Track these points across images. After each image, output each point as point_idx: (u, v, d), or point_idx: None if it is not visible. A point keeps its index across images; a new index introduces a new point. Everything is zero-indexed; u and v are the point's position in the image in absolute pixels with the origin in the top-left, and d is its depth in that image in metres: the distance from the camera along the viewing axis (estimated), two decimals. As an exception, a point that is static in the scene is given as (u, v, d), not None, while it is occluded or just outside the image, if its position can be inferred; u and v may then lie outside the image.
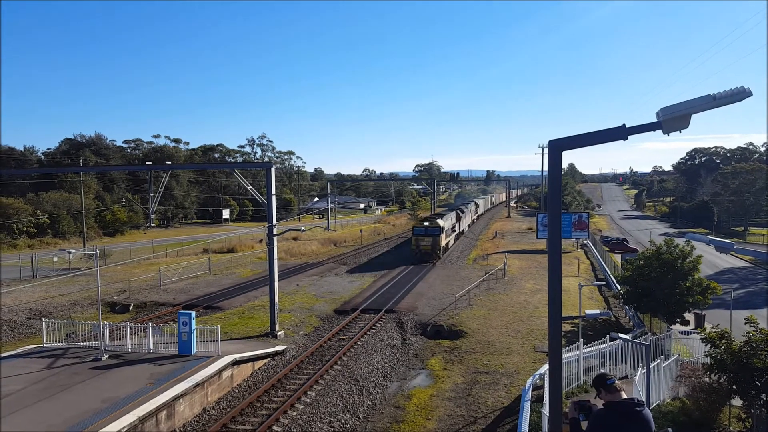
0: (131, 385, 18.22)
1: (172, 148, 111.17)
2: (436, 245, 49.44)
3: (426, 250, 49.17)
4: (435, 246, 49.41)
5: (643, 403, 5.45)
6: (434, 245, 49.35)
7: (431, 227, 49.94)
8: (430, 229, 49.72)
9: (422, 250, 49.21)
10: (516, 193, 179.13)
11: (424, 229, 49.87)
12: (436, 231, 49.64)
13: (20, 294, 35.59)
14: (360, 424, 17.93)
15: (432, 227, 49.97)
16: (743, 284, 46.55)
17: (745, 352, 15.86)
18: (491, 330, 27.53)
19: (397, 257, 53.36)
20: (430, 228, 49.85)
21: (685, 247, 27.19)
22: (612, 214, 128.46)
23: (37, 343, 24.20)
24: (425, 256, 49.19)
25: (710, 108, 4.12)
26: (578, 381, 19.93)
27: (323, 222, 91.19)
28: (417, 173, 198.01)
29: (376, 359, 23.62)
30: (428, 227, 49.96)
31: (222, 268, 47.66)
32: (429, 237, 49.18)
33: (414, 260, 49.09)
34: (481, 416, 18.14)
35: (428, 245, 49.09)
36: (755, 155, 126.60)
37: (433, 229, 49.83)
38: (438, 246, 49.69)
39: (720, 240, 20.81)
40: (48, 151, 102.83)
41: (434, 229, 49.76)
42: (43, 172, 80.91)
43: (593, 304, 32.63)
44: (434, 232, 49.57)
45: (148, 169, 34.99)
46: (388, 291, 36.80)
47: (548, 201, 5.07)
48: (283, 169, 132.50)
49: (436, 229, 49.73)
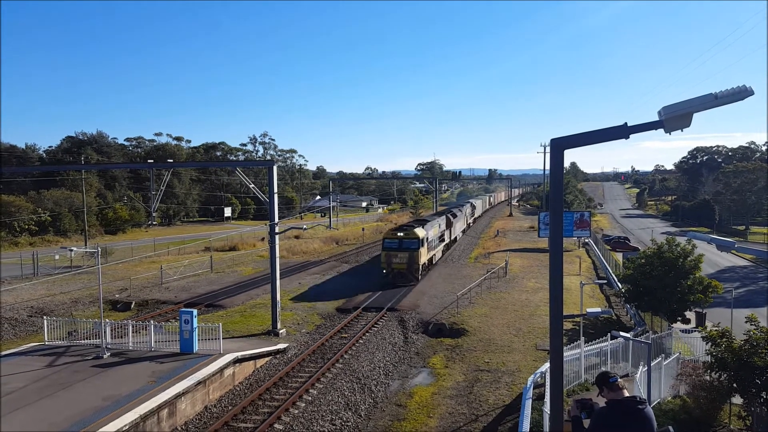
0: (133, 383, 18.26)
1: (174, 146, 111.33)
2: (413, 263, 38.26)
3: (399, 270, 38.17)
4: (412, 264, 38.23)
5: (645, 402, 5.46)
6: (411, 263, 38.18)
7: (407, 238, 38.83)
8: (405, 242, 38.67)
9: (394, 268, 38.30)
10: (518, 192, 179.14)
11: (398, 242, 38.75)
12: (413, 244, 38.55)
13: (21, 292, 35.67)
14: (362, 422, 17.97)
15: (408, 238, 38.82)
16: (744, 283, 46.55)
17: (746, 351, 15.89)
18: (493, 328, 27.56)
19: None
20: (406, 240, 38.77)
21: (687, 245, 27.19)
22: (614, 212, 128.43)
23: (38, 341, 24.25)
24: (398, 278, 38.16)
25: (712, 107, 4.13)
26: (579, 379, 19.96)
27: (325, 220, 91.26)
28: (419, 172, 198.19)
29: (378, 357, 23.66)
30: (403, 238, 38.87)
31: (224, 267, 47.72)
32: (403, 252, 38.32)
33: (384, 282, 38.29)
34: (482, 414, 18.18)
35: (402, 263, 38.13)
36: (757, 154, 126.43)
37: (409, 241, 38.66)
38: (415, 263, 38.45)
39: (721, 239, 20.68)
40: (49, 149, 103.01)
41: (410, 242, 38.65)
42: (44, 170, 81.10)
43: (594, 303, 32.64)
44: (410, 246, 38.53)
45: (150, 167, 35.10)
46: (390, 290, 36.79)
47: (550, 199, 5.08)
48: (285, 168, 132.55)
49: (412, 242, 38.63)
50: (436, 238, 46.30)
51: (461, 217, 65.54)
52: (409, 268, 38.35)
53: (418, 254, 38.74)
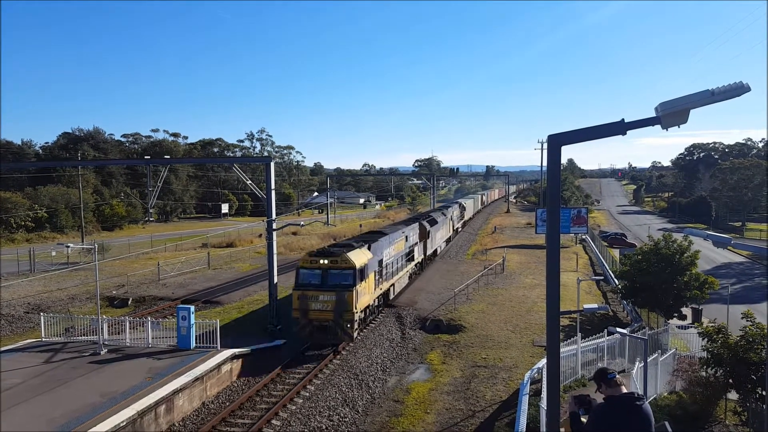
0: (130, 379, 18.26)
1: (171, 142, 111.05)
2: (343, 309, 22.55)
3: (323, 322, 22.74)
4: (341, 311, 22.55)
5: (643, 398, 5.48)
6: (340, 310, 22.54)
7: (335, 268, 23.07)
8: (332, 274, 23.06)
9: (312, 320, 22.78)
10: (516, 188, 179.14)
11: (320, 274, 23.17)
12: (345, 278, 22.96)
13: (18, 288, 35.58)
14: (359, 418, 18.01)
15: (336, 268, 23.07)
16: (740, 279, 46.71)
17: (742, 347, 15.98)
18: (490, 324, 27.61)
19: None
20: (333, 270, 23.07)
21: (683, 242, 27.27)
22: (611, 209, 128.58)
23: (35, 337, 24.23)
24: (320, 335, 23.08)
25: (709, 103, 4.12)
26: (576, 375, 20.03)
27: (323, 217, 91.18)
28: (417, 168, 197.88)
29: (375, 353, 23.68)
30: (329, 268, 23.11)
31: (221, 263, 47.67)
32: (328, 292, 22.73)
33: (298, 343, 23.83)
34: (479, 410, 18.23)
35: (326, 310, 22.64)
36: (753, 151, 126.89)
37: (338, 273, 23.03)
38: (348, 310, 22.57)
39: (717, 235, 20.80)
40: (46, 145, 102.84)
41: (341, 274, 23.03)
42: (41, 166, 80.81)
43: (591, 299, 32.71)
44: (340, 281, 22.93)
45: (147, 163, 34.94)
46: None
47: (547, 196, 5.08)
48: (282, 164, 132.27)
49: (344, 274, 23.01)
50: (399, 257, 31.57)
51: (443, 223, 49.96)
52: (338, 320, 22.36)
53: (353, 295, 22.37)
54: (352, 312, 22.74)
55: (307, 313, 22.88)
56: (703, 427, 16.49)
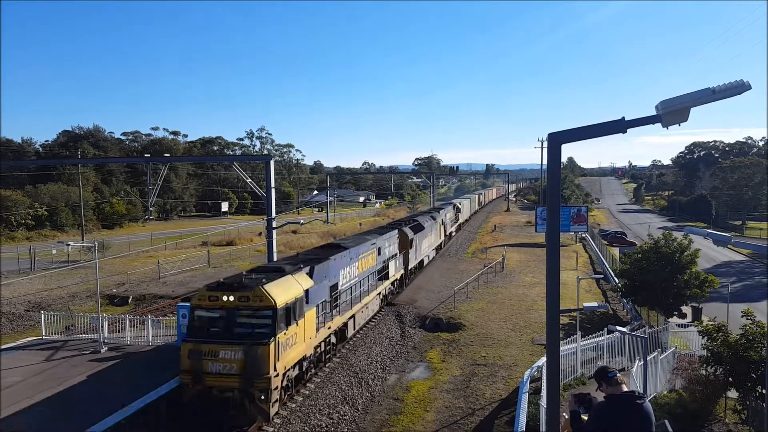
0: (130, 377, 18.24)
1: (171, 140, 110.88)
2: (255, 373, 14.63)
3: (224, 391, 14.86)
4: (252, 375, 14.61)
5: (644, 396, 5.49)
6: (250, 373, 14.61)
7: (247, 307, 15.26)
8: (241, 315, 15.29)
9: (208, 385, 14.85)
10: (516, 187, 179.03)
11: (224, 316, 15.31)
12: (262, 324, 15.22)
13: (19, 286, 35.58)
14: (359, 416, 18.03)
15: (249, 308, 15.26)
16: (740, 278, 46.73)
17: (742, 345, 16.00)
18: (490, 323, 27.62)
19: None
20: (244, 310, 15.27)
21: (683, 240, 27.28)
22: (611, 207, 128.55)
23: (35, 335, 24.22)
24: (220, 411, 15.03)
25: (709, 101, 4.12)
26: (576, 373, 20.04)
27: (322, 215, 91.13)
28: (417, 167, 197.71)
29: (375, 351, 23.70)
30: (238, 306, 15.24)
31: (221, 261, 47.68)
32: (234, 346, 14.76)
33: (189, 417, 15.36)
34: (479, 408, 18.24)
35: (231, 375, 14.70)
36: (754, 149, 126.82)
37: (249, 314, 15.33)
38: (261, 374, 14.66)
39: (718, 233, 20.72)
40: (46, 143, 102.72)
41: (255, 316, 15.32)
42: (41, 164, 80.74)
43: (591, 297, 32.71)
44: (254, 330, 15.20)
45: (147, 161, 34.97)
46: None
47: (547, 194, 5.08)
48: (282, 162, 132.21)
49: (260, 316, 15.27)
50: (366, 277, 25.58)
51: (432, 229, 42.79)
52: (247, 388, 14.79)
53: (269, 350, 14.87)
54: (268, 376, 14.73)
55: (202, 378, 14.78)
56: (703, 426, 16.52)
